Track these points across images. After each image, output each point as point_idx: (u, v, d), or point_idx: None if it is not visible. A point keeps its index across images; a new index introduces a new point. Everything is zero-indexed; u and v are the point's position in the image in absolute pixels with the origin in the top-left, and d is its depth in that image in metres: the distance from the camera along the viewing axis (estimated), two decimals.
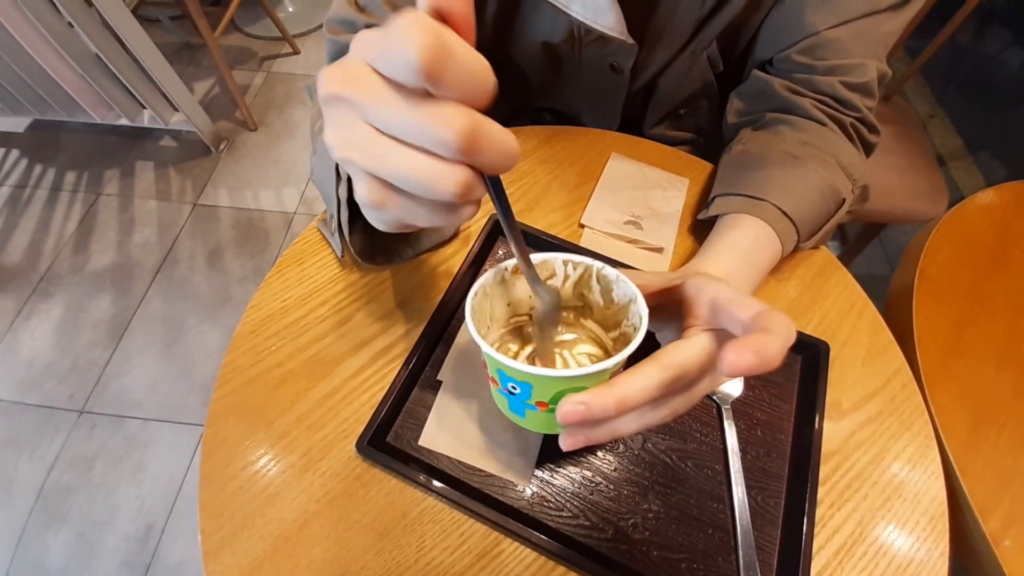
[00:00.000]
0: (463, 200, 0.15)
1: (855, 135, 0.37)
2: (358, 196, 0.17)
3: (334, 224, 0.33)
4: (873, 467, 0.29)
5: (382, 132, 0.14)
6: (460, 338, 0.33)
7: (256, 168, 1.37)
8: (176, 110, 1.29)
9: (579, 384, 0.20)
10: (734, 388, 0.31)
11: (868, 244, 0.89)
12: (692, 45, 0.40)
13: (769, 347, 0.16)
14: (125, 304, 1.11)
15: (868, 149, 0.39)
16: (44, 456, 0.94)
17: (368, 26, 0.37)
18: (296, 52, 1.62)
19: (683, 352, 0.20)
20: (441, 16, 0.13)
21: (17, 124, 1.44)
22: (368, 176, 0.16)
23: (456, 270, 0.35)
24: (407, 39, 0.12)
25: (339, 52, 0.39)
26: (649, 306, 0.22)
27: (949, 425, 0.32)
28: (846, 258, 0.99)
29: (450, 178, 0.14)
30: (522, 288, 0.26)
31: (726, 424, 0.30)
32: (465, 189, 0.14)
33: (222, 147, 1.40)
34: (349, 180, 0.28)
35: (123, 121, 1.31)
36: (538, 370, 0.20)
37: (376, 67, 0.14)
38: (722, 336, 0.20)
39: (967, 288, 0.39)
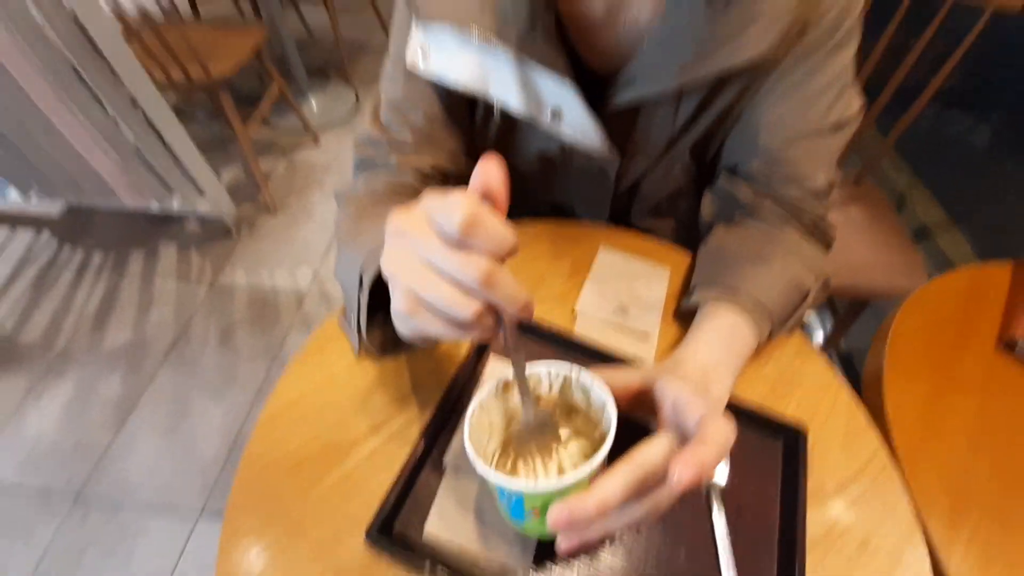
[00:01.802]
0: (474, 324, 0.19)
1: (814, 234, 0.42)
2: (395, 304, 0.21)
3: (353, 323, 0.36)
4: (860, 552, 0.30)
5: (426, 263, 0.19)
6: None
7: (273, 249, 1.45)
8: (203, 196, 1.39)
9: (562, 492, 0.23)
10: (720, 476, 0.33)
11: (856, 319, 0.92)
12: (667, 157, 0.46)
13: (705, 459, 0.19)
14: (135, 383, 1.14)
15: (827, 246, 0.43)
16: (37, 544, 0.91)
17: (389, 142, 0.44)
18: (317, 143, 1.78)
19: (650, 452, 0.23)
20: (485, 195, 0.19)
21: (52, 208, 1.56)
22: (407, 291, 0.20)
23: (465, 356, 0.38)
24: (454, 209, 0.17)
25: (362, 164, 0.46)
26: (626, 406, 0.25)
27: (930, 507, 0.33)
28: (837, 333, 1.02)
29: (467, 305, 0.19)
30: (517, 399, 0.29)
31: (715, 511, 0.31)
32: (476, 316, 0.19)
33: (243, 229, 1.49)
34: (370, 288, 0.33)
35: (153, 206, 1.42)
36: (522, 484, 0.22)
37: (432, 219, 0.19)
38: (684, 435, 0.23)
39: (935, 368, 0.42)
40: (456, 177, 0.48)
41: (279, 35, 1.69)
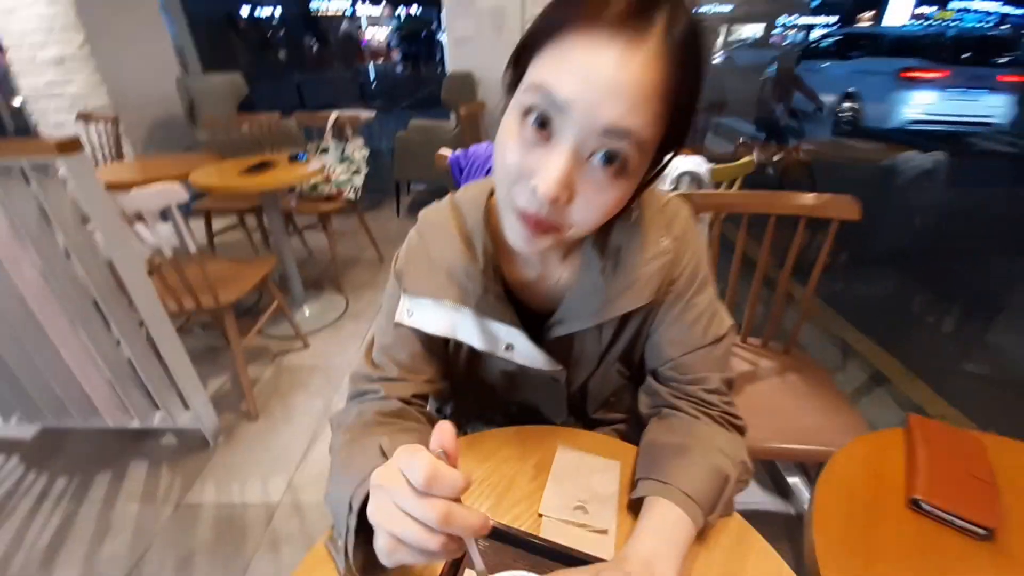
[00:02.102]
0: (440, 552, 0.26)
1: (726, 423, 0.51)
2: (378, 544, 0.28)
3: (340, 544, 0.41)
4: None
5: (400, 510, 0.27)
6: None
7: (249, 458, 1.43)
8: (187, 409, 1.43)
9: None
10: None
11: None
12: (602, 365, 0.58)
13: None
14: None
15: (741, 432, 0.53)
16: None
17: (379, 376, 0.54)
18: (306, 346, 1.92)
19: None
20: (441, 451, 0.27)
21: (25, 431, 1.54)
22: (387, 533, 0.27)
23: (439, 572, 0.42)
24: (418, 468, 0.26)
25: (357, 394, 0.55)
26: None
27: None
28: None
29: (432, 540, 0.26)
30: None
31: None
32: (442, 547, 0.26)
33: (220, 438, 1.49)
34: (357, 513, 0.38)
35: (134, 424, 1.43)
36: None
37: (404, 475, 0.27)
38: None
39: (860, 536, 0.47)
40: (434, 396, 0.58)
41: (283, 259, 1.98)
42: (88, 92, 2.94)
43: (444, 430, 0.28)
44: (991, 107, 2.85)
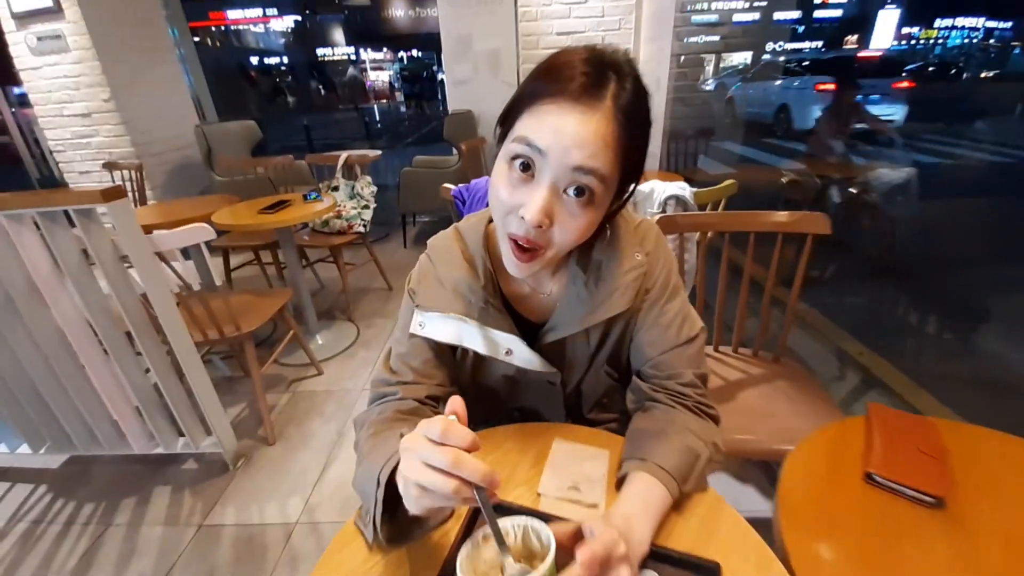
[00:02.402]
0: (456, 495, 0.34)
1: (699, 412, 0.59)
2: (408, 493, 0.36)
3: (369, 518, 0.48)
4: None
5: (423, 464, 0.35)
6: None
7: (267, 481, 1.49)
8: (209, 435, 1.50)
9: None
10: None
11: None
12: (592, 368, 0.66)
13: (595, 549, 0.33)
14: None
15: (714, 420, 0.60)
16: None
17: (397, 380, 0.62)
18: (320, 373, 1.99)
19: (586, 551, 0.35)
20: (453, 416, 0.35)
21: (53, 461, 1.61)
22: (414, 484, 0.35)
23: (452, 538, 0.49)
24: (435, 424, 0.34)
25: (377, 396, 0.63)
26: (568, 543, 0.37)
27: None
28: None
29: (449, 484, 0.34)
30: (490, 550, 0.40)
31: None
32: (456, 491, 0.34)
33: (239, 464, 1.55)
34: (384, 488, 0.46)
35: (159, 449, 1.50)
36: None
37: (425, 435, 0.35)
38: None
39: (820, 506, 0.53)
40: (444, 400, 0.65)
41: (298, 291, 2.09)
42: (112, 142, 3.15)
43: (455, 400, 0.36)
44: (888, 109, 3.73)
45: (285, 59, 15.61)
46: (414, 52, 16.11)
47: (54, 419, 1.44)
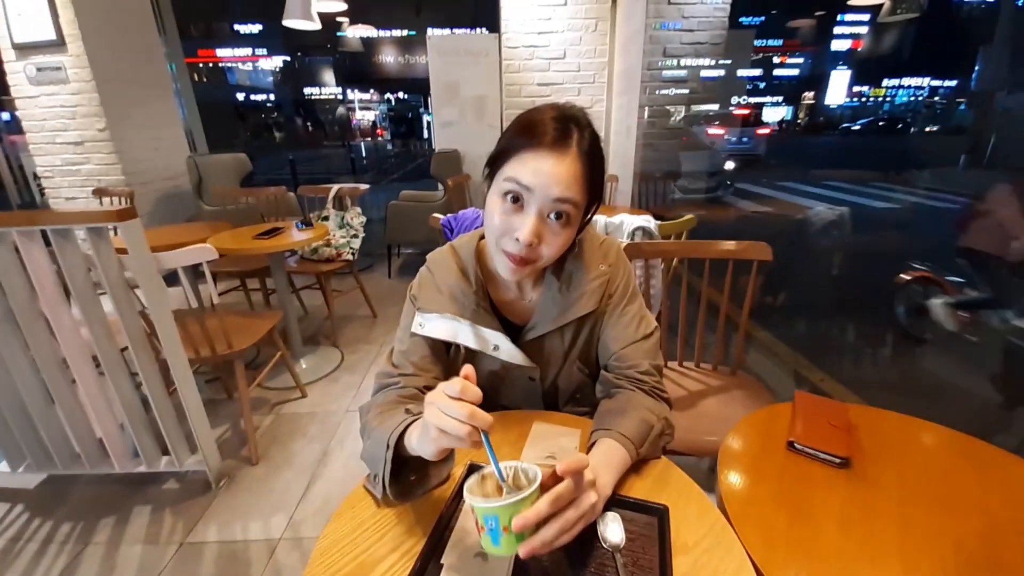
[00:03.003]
0: (467, 438, 0.44)
1: (655, 395, 0.70)
2: (428, 435, 0.46)
3: (379, 479, 0.57)
4: None
5: (442, 412, 0.45)
6: (457, 523, 0.53)
7: (251, 499, 1.51)
8: (195, 454, 1.52)
9: (520, 506, 0.43)
10: (620, 539, 0.51)
11: None
12: (566, 363, 0.77)
13: (570, 463, 0.43)
14: None
15: (667, 402, 0.71)
16: None
17: (399, 373, 0.72)
18: (304, 396, 2.03)
19: (558, 488, 0.45)
20: (467, 377, 0.46)
21: (30, 480, 1.58)
22: (435, 427, 0.45)
23: (448, 494, 0.58)
24: (455, 383, 0.45)
25: (381, 387, 0.73)
26: (551, 482, 0.47)
27: (752, 548, 0.51)
28: None
29: (463, 429, 0.44)
30: (490, 483, 0.50)
31: (618, 563, 0.49)
32: (469, 436, 0.44)
33: (222, 483, 1.57)
34: (392, 451, 0.55)
35: (141, 468, 1.51)
36: (493, 502, 0.43)
37: (444, 391, 0.46)
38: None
39: (752, 466, 0.65)
40: None
41: (286, 316, 2.15)
42: (103, 170, 3.22)
43: (467, 368, 0.47)
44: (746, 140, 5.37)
45: (273, 96, 16.02)
46: (401, 94, 16.77)
47: (37, 436, 1.45)
